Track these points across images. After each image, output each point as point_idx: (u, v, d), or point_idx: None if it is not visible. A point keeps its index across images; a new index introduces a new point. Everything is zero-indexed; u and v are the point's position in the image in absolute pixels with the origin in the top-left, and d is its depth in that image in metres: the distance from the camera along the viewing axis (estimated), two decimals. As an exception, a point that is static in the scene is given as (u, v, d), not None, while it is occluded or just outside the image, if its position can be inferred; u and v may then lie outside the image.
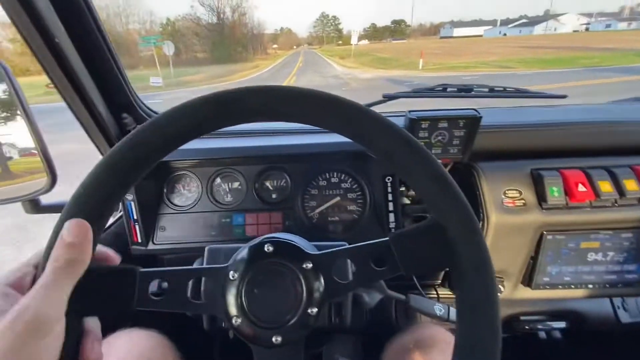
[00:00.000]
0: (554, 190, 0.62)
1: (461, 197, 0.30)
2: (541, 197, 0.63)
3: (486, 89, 0.81)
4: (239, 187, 0.69)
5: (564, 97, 0.85)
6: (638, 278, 0.69)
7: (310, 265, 0.34)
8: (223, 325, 0.48)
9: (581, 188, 0.62)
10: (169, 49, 14.12)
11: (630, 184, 0.62)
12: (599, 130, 0.68)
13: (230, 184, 0.70)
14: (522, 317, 0.83)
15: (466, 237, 0.30)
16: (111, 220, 0.76)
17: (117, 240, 0.71)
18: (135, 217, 0.65)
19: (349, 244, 0.55)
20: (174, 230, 0.68)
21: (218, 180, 0.69)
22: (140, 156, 0.31)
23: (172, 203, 0.69)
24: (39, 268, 0.28)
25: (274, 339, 0.32)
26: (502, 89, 0.81)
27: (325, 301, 0.34)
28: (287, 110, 0.32)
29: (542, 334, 0.96)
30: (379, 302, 0.58)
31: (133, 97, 0.76)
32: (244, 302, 0.32)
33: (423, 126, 0.62)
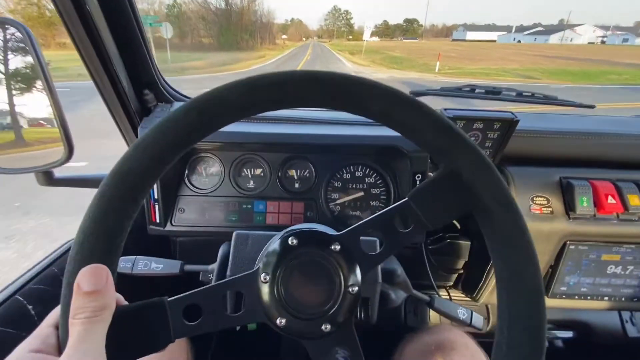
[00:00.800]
0: (584, 200, 0.61)
1: (469, 141, 0.30)
2: (569, 206, 0.62)
3: (514, 93, 0.80)
4: (262, 174, 0.68)
5: (592, 107, 0.84)
6: None
7: (338, 247, 0.33)
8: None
9: (610, 200, 0.61)
10: (167, 31, 13.13)
11: None
12: (630, 143, 0.67)
13: (253, 170, 0.68)
14: None
15: (482, 177, 0.29)
16: None
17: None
18: (156, 197, 0.63)
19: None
20: (192, 213, 0.66)
21: (241, 165, 0.68)
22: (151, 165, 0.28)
23: (192, 185, 0.67)
24: (60, 328, 0.26)
25: (323, 328, 0.31)
26: (530, 94, 0.80)
27: (363, 275, 0.33)
28: (352, 101, 0.30)
29: (546, 343, 0.97)
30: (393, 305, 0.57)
31: (157, 74, 0.74)
32: (283, 301, 0.31)
33: (459, 125, 0.61)
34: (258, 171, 0.68)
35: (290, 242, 0.33)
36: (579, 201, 0.61)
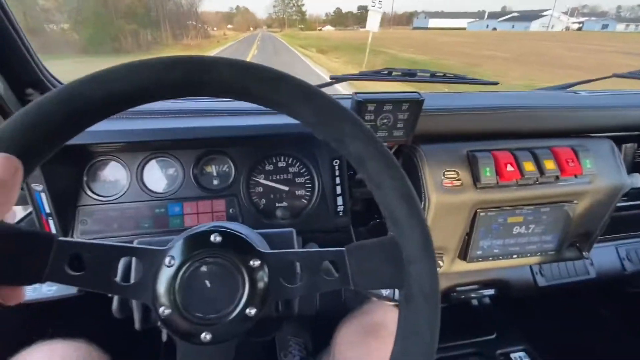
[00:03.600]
0: (487, 170, 0.66)
1: (423, 220, 0.30)
2: (476, 177, 0.67)
3: (428, 74, 0.83)
4: (175, 173, 0.63)
5: (495, 83, 0.91)
6: (553, 247, 0.78)
7: (257, 263, 0.31)
8: (158, 324, 0.44)
9: (509, 168, 0.67)
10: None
11: (549, 164, 0.68)
12: (524, 115, 0.74)
13: (164, 170, 0.63)
14: (457, 288, 0.91)
15: (421, 261, 0.30)
16: (19, 216, 0.65)
17: None
18: (48, 211, 0.56)
19: (297, 230, 0.54)
20: (97, 224, 0.60)
21: (149, 166, 0.62)
22: (82, 108, 0.26)
23: (94, 193, 0.60)
24: None
25: (202, 336, 0.29)
26: (442, 74, 0.85)
27: (267, 303, 0.32)
28: (261, 92, 0.30)
29: (475, 302, 1.06)
30: None
31: (42, 72, 0.65)
32: (177, 292, 0.29)
33: (369, 109, 0.61)
34: (170, 171, 0.63)
35: (212, 239, 0.31)
36: (483, 172, 0.66)
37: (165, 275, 0.29)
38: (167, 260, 0.30)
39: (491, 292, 0.93)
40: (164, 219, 0.61)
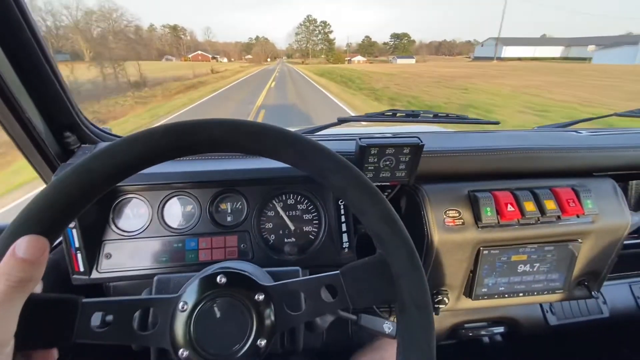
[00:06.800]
0: (488, 210, 0.69)
1: (406, 236, 0.34)
2: (477, 217, 0.70)
3: (431, 115, 0.88)
4: (192, 210, 0.68)
5: (497, 123, 0.95)
6: (560, 285, 0.78)
7: (262, 297, 0.35)
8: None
9: (510, 208, 0.69)
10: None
11: (549, 204, 0.70)
12: (525, 156, 0.77)
13: (183, 207, 0.68)
14: (466, 325, 0.90)
15: (409, 274, 0.33)
16: None
17: (56, 269, 0.66)
18: (77, 246, 0.61)
19: (304, 267, 0.57)
20: (120, 257, 0.64)
21: (169, 203, 0.68)
22: (94, 181, 0.30)
23: (118, 228, 0.65)
24: None
25: None
26: (444, 114, 0.89)
27: (276, 332, 0.35)
28: (248, 144, 0.34)
29: (485, 339, 1.04)
30: (334, 320, 0.60)
31: (77, 115, 0.73)
32: (192, 333, 0.33)
33: (372, 152, 0.66)
34: (188, 208, 0.68)
35: (218, 280, 0.35)
36: (484, 211, 0.69)
37: (180, 320, 0.33)
38: (180, 305, 0.33)
39: (501, 329, 0.92)
40: (181, 254, 0.65)
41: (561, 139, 0.88)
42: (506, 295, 0.77)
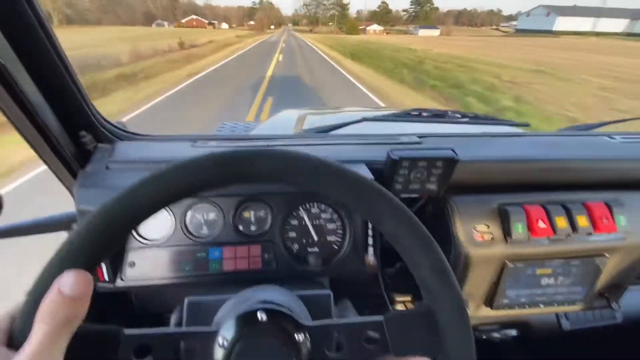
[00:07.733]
0: (519, 226, 0.67)
1: (457, 289, 0.32)
2: (507, 232, 0.68)
3: (459, 115, 0.84)
4: (215, 219, 0.67)
5: (527, 125, 0.90)
6: (581, 298, 0.78)
7: (302, 337, 0.34)
8: None
9: (541, 224, 0.67)
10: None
11: (581, 220, 0.68)
12: (557, 167, 0.74)
13: (206, 215, 0.67)
14: (479, 328, 0.91)
15: (456, 327, 0.32)
16: None
17: None
18: None
19: (330, 277, 0.56)
20: (144, 266, 0.64)
21: (192, 212, 0.66)
22: (137, 211, 0.29)
23: (142, 237, 0.64)
24: (20, 322, 0.25)
25: None
26: (473, 114, 0.85)
27: None
28: (301, 181, 0.32)
29: (496, 342, 1.06)
30: None
31: (93, 114, 0.69)
32: None
33: (404, 164, 0.63)
34: (211, 216, 0.67)
35: (259, 317, 0.34)
36: (515, 228, 0.67)
37: (219, 355, 0.33)
38: (220, 340, 0.33)
39: (513, 332, 0.93)
40: (204, 263, 0.65)
41: (594, 147, 0.84)
42: (526, 306, 0.77)
